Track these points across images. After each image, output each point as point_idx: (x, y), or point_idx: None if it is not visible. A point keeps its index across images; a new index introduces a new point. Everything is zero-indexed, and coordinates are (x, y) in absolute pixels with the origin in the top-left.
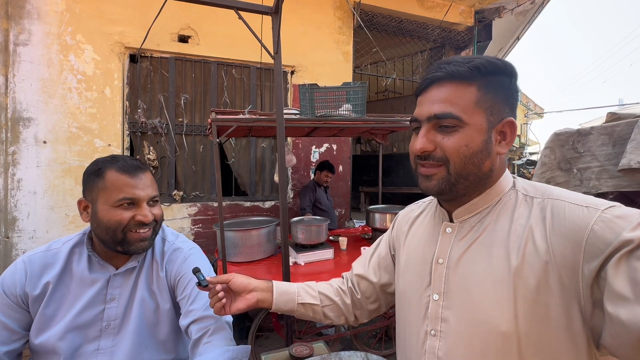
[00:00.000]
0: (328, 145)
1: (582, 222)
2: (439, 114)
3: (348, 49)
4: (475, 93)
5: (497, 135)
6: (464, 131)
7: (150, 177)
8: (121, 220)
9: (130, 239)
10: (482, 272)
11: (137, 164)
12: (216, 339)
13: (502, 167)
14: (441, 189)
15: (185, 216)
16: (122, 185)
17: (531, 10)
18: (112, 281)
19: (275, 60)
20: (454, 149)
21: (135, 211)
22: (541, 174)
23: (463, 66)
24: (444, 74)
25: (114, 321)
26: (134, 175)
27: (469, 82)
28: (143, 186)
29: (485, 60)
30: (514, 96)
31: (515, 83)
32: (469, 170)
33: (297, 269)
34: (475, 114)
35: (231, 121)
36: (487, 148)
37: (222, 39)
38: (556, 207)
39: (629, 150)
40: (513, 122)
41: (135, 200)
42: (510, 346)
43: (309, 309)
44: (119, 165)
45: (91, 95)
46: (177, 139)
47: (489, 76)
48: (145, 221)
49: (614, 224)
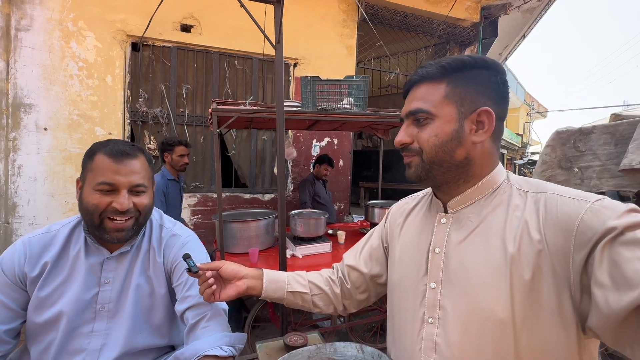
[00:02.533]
0: (329, 140)
1: (573, 213)
2: (412, 110)
3: (352, 43)
4: (445, 88)
5: (472, 124)
6: (434, 123)
7: (140, 165)
8: (98, 205)
9: (106, 226)
10: (479, 261)
11: (126, 149)
12: (213, 324)
13: (485, 157)
14: (418, 174)
15: (185, 207)
16: (104, 169)
17: (538, 8)
18: (106, 264)
19: (277, 50)
20: (424, 139)
21: (113, 197)
22: (541, 172)
23: (432, 67)
24: (418, 77)
25: (108, 304)
26: (118, 161)
27: (439, 80)
28: (126, 172)
29: (452, 59)
30: (493, 87)
31: (494, 75)
32: (441, 157)
33: (294, 262)
34: (444, 107)
35: (232, 112)
36: (458, 137)
37: (225, 29)
38: (549, 200)
39: (630, 150)
40: (488, 110)
41: (114, 185)
42: (506, 332)
43: (298, 297)
44: (107, 148)
45: (92, 82)
46: (178, 129)
47: (457, 72)
48: (120, 209)
49: (602, 213)
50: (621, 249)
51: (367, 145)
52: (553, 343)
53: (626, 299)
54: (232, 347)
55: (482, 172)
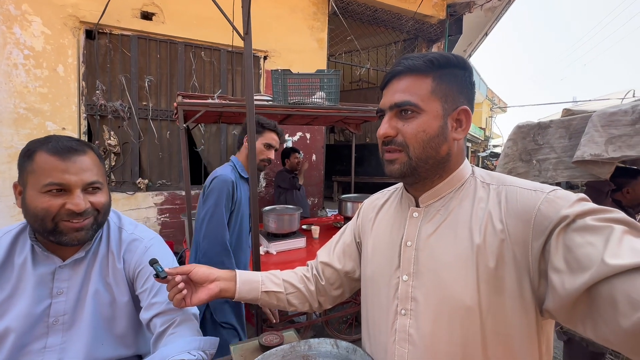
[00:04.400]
0: (301, 134)
1: (531, 204)
2: (399, 102)
3: (322, 36)
4: (431, 83)
5: (453, 122)
6: (421, 117)
7: (90, 161)
8: (49, 209)
9: (62, 229)
10: (448, 252)
11: (72, 145)
12: (182, 329)
13: (460, 153)
14: (403, 172)
15: (151, 205)
16: (50, 169)
17: (499, 7)
18: (59, 274)
19: (246, 41)
20: (412, 134)
21: (66, 198)
22: (504, 164)
23: (419, 60)
24: (403, 68)
25: (62, 316)
26: (65, 158)
27: (425, 74)
28: (76, 170)
29: (438, 54)
30: (469, 87)
31: (469, 76)
32: (428, 154)
33: (269, 258)
34: (431, 102)
35: (199, 106)
36: (443, 133)
37: (189, 18)
38: (510, 192)
39: (582, 143)
40: (467, 110)
41: (65, 186)
42: (473, 319)
43: (272, 296)
44: (50, 146)
45: (41, 73)
46: (141, 123)
47: (442, 69)
48: (76, 210)
49: (556, 203)
50: (574, 235)
51: (339, 140)
52: (515, 326)
53: (579, 280)
54: (203, 351)
55: (454, 167)
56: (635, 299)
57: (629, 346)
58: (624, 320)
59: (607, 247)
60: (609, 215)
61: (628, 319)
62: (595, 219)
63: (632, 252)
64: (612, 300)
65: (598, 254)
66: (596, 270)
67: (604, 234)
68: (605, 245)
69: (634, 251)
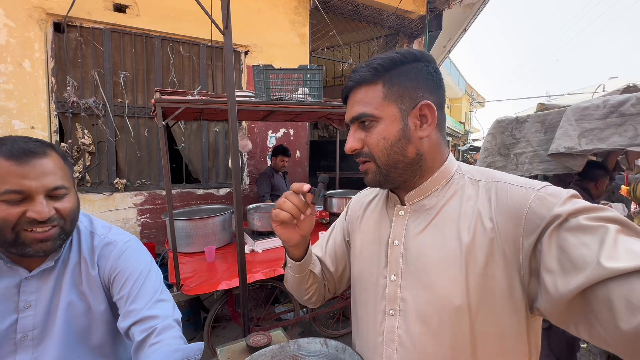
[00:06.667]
0: (285, 130)
1: (522, 201)
2: (356, 115)
3: (304, 31)
4: (381, 89)
5: (415, 120)
6: (379, 125)
7: (52, 164)
8: (7, 218)
9: (25, 240)
10: (436, 252)
11: (30, 147)
12: (163, 338)
13: (434, 150)
14: (377, 181)
15: (130, 206)
16: (5, 175)
17: (477, 4)
18: (25, 286)
19: (225, 36)
20: (374, 143)
21: (27, 206)
22: (483, 158)
23: (364, 70)
24: (353, 83)
25: (31, 331)
26: (22, 162)
27: (374, 82)
28: (37, 175)
29: (382, 59)
30: (427, 78)
31: (425, 66)
32: (395, 159)
33: (254, 257)
34: (385, 107)
35: (178, 102)
36: (405, 135)
37: (166, 11)
38: (499, 189)
39: (557, 137)
40: (428, 103)
41: (25, 193)
42: (463, 319)
43: (310, 278)
44: (4, 149)
45: (5, 68)
46: (117, 121)
47: (389, 71)
48: (39, 218)
49: (547, 200)
50: (567, 235)
51: (323, 136)
52: (505, 326)
53: (573, 282)
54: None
55: (434, 165)
56: (634, 303)
57: (629, 350)
58: (623, 325)
59: (603, 248)
60: (603, 214)
61: (627, 323)
62: (589, 218)
63: (629, 254)
64: (609, 303)
65: (593, 255)
66: (592, 272)
67: (599, 234)
68: (601, 247)
69: (631, 253)
